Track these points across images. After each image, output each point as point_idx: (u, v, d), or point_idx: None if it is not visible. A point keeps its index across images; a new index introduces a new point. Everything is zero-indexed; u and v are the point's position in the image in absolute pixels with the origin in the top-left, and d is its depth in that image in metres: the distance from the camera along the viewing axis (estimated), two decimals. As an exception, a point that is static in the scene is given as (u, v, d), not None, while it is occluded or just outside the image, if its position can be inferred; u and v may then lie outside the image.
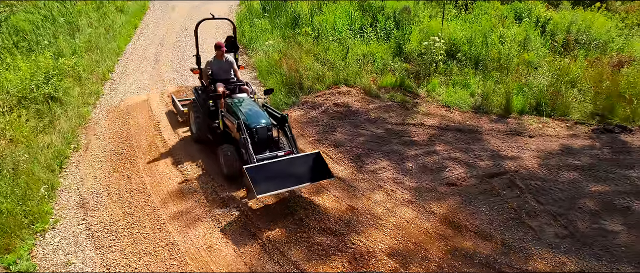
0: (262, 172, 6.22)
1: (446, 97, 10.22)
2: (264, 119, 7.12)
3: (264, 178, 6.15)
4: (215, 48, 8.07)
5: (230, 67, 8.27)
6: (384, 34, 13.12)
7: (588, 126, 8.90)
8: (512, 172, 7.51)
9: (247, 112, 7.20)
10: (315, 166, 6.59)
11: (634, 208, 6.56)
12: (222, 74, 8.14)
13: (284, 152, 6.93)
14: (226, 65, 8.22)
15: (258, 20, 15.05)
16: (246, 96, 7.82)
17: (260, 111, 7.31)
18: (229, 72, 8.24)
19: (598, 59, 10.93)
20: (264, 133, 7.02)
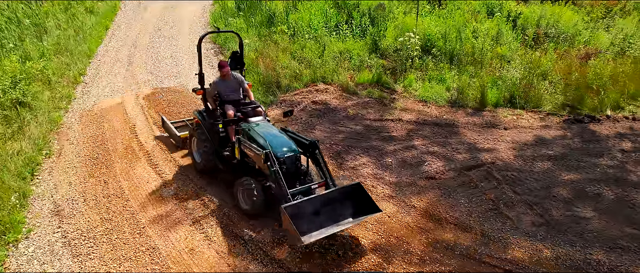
0: (301, 210, 5.43)
1: (423, 92, 10.36)
2: (291, 146, 6.18)
3: (304, 218, 5.38)
4: (219, 68, 7.16)
5: (239, 87, 7.30)
6: (360, 30, 13.19)
7: (559, 117, 9.16)
8: (489, 163, 7.68)
9: (270, 138, 6.20)
10: (356, 199, 5.78)
11: (604, 195, 6.80)
12: (231, 95, 7.18)
13: (318, 183, 6.06)
14: (234, 85, 7.24)
15: (233, 20, 14.91)
16: (262, 119, 6.88)
17: (284, 137, 6.36)
18: (238, 92, 7.27)
19: (567, 52, 11.26)
20: (293, 163, 6.10)
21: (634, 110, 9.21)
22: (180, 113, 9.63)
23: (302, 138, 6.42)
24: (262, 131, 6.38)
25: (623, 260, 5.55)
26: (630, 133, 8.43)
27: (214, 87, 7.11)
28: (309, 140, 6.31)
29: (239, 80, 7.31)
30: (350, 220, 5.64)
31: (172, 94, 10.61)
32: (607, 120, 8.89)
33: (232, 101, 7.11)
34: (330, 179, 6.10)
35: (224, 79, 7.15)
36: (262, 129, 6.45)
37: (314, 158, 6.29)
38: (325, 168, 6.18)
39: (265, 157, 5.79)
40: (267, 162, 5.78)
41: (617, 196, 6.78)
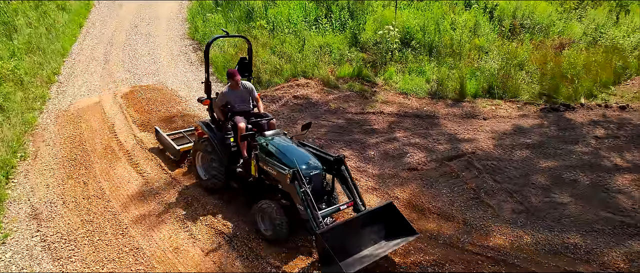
0: (337, 235, 5.02)
1: (403, 84, 10.44)
2: (316, 163, 5.65)
3: (340, 245, 4.97)
4: (229, 77, 6.48)
5: (249, 97, 6.69)
6: (339, 24, 13.19)
7: (536, 106, 9.36)
8: (469, 153, 7.80)
9: (292, 154, 5.63)
10: (389, 220, 5.43)
11: (579, 181, 7.00)
12: (240, 105, 6.59)
13: (346, 204, 5.58)
14: (245, 95, 6.62)
15: (211, 15, 14.73)
16: (279, 133, 6.29)
17: (306, 153, 5.82)
18: (248, 103, 6.67)
19: (542, 42, 11.49)
20: (319, 182, 5.58)
21: (606, 98, 9.47)
22: (159, 111, 9.49)
23: (325, 153, 5.92)
24: (281, 146, 5.82)
25: (598, 242, 5.74)
26: (603, 120, 8.67)
27: (223, 97, 6.49)
28: (333, 156, 5.80)
29: (249, 90, 6.68)
30: (388, 245, 5.21)
31: (152, 92, 10.44)
32: (582, 108, 9.13)
33: (242, 112, 6.54)
34: (359, 199, 5.61)
35: (233, 88, 6.51)
36: (281, 144, 5.89)
37: (340, 175, 5.76)
38: (354, 187, 5.67)
39: (293, 177, 5.23)
40: (294, 181, 5.23)
41: (591, 181, 6.98)
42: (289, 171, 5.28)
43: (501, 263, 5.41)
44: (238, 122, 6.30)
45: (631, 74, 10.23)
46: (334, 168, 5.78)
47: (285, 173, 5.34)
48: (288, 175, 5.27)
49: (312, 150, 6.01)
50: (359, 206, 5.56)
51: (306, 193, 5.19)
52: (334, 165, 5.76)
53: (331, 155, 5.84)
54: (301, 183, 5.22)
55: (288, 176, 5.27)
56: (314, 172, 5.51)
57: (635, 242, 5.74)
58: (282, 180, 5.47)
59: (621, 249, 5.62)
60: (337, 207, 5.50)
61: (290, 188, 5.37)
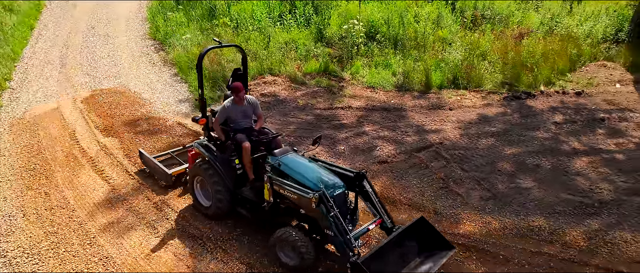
0: (377, 262, 4.64)
1: (370, 78, 10.53)
2: (337, 182, 5.15)
3: (381, 272, 4.65)
4: (233, 92, 5.78)
5: (252, 112, 6.06)
6: (304, 20, 13.15)
7: (499, 95, 9.64)
8: (437, 144, 7.97)
9: (309, 174, 5.15)
10: (421, 235, 5.07)
11: (542, 165, 7.28)
12: (243, 122, 5.96)
13: (374, 222, 5.19)
14: (248, 110, 5.97)
15: (172, 14, 14.39)
16: (289, 150, 5.65)
17: (324, 171, 5.30)
18: (250, 119, 6.03)
19: (502, 32, 11.83)
20: (342, 201, 5.11)
21: (564, 85, 9.87)
22: (123, 115, 9.20)
23: (343, 169, 5.49)
24: (296, 166, 5.30)
25: (560, 223, 6.01)
26: (561, 106, 9.03)
27: (224, 114, 5.83)
28: (353, 171, 5.38)
29: (254, 105, 6.04)
30: (428, 264, 4.85)
31: (114, 95, 10.11)
32: (541, 96, 9.47)
33: (243, 130, 5.91)
34: (387, 215, 5.24)
35: (237, 103, 5.84)
36: (295, 163, 5.36)
37: (363, 192, 5.33)
38: (379, 203, 5.28)
39: (319, 201, 4.76)
40: (320, 205, 4.77)
41: (553, 165, 7.27)
42: (314, 195, 4.77)
43: (472, 249, 5.57)
44: (241, 141, 5.65)
45: (585, 61, 10.69)
46: (355, 185, 5.34)
47: (309, 197, 4.80)
48: (313, 199, 4.76)
49: (329, 167, 5.54)
50: (387, 223, 5.17)
51: (336, 217, 4.74)
52: (355, 181, 5.33)
53: (351, 170, 5.41)
54: (329, 207, 4.75)
55: (313, 200, 4.76)
56: (337, 192, 5.02)
57: (593, 220, 6.05)
58: (305, 205, 4.95)
59: (581, 228, 5.90)
60: (366, 227, 5.09)
61: (316, 213, 4.86)
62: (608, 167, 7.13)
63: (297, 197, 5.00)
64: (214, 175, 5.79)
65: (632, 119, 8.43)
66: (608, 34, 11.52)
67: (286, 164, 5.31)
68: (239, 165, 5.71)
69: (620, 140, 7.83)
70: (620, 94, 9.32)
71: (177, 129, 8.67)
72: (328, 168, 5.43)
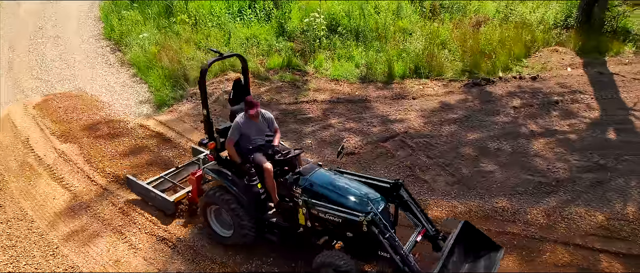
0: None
1: (333, 71, 10.56)
2: (377, 196, 4.83)
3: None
4: (248, 106, 5.20)
5: (266, 128, 5.50)
6: (264, 14, 13.02)
7: (460, 82, 9.90)
8: (402, 133, 8.11)
9: (350, 193, 4.79)
10: (469, 239, 4.85)
11: (503, 149, 7.55)
12: (257, 139, 5.39)
13: (419, 232, 4.90)
14: (263, 127, 5.45)
15: (127, 12, 13.90)
16: (315, 167, 5.19)
17: (361, 186, 4.98)
18: (263, 136, 5.42)
19: (460, 21, 12.12)
20: (387, 216, 4.84)
21: (520, 70, 10.24)
22: (80, 120, 8.84)
23: (377, 180, 5.19)
24: (329, 184, 4.91)
25: (522, 203, 6.29)
26: (518, 91, 9.38)
27: (237, 131, 5.25)
28: (389, 181, 5.08)
29: (269, 121, 5.53)
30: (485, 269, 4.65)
31: (69, 100, 9.69)
32: (500, 81, 9.79)
33: (258, 147, 5.39)
34: (430, 223, 5.00)
35: (252, 120, 5.31)
36: (327, 181, 4.96)
37: (402, 202, 5.05)
38: (421, 211, 5.04)
39: (371, 223, 4.38)
40: (371, 226, 4.38)
41: (513, 148, 7.56)
42: (365, 217, 4.39)
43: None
44: (262, 162, 5.16)
45: (539, 47, 11.11)
46: (392, 195, 5.05)
47: (359, 220, 4.43)
48: (364, 222, 4.39)
49: (362, 179, 5.21)
50: (431, 231, 4.93)
51: (392, 238, 4.44)
52: (391, 191, 5.05)
53: (387, 180, 5.12)
54: (384, 228, 4.43)
55: (364, 223, 4.39)
56: (381, 207, 4.72)
57: (551, 198, 6.37)
58: (354, 228, 4.56)
59: (541, 206, 6.20)
60: (414, 240, 4.81)
61: (367, 236, 4.47)
62: (563, 147, 7.49)
63: (343, 220, 4.61)
64: (234, 204, 5.20)
65: (582, 101, 8.86)
66: (558, 20, 12.01)
67: (319, 184, 4.89)
68: (261, 190, 5.20)
69: (573, 121, 8.23)
70: (571, 77, 9.77)
71: (139, 131, 8.43)
72: (362, 182, 5.10)
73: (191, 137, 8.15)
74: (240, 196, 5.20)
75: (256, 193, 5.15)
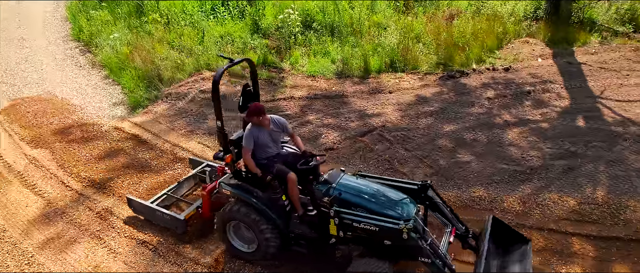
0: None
1: (310, 67, 10.56)
2: (408, 200, 4.73)
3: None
4: (254, 114, 4.94)
5: (281, 135, 5.27)
6: (238, 12, 12.90)
7: (435, 75, 10.04)
8: (380, 127, 8.19)
9: (381, 199, 4.69)
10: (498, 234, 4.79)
11: (479, 139, 7.71)
12: (271, 149, 5.15)
13: (450, 231, 4.87)
14: (277, 134, 5.18)
15: (95, 12, 13.55)
16: (339, 173, 5.02)
17: (388, 189, 4.86)
18: (279, 143, 5.28)
19: (434, 14, 12.27)
20: (422, 221, 4.74)
21: (493, 62, 10.45)
22: (51, 124, 8.58)
23: (404, 182, 5.11)
24: (358, 191, 4.77)
25: (498, 191, 6.45)
26: (492, 82, 9.58)
27: (251, 141, 4.94)
28: (416, 183, 4.97)
29: (283, 126, 5.22)
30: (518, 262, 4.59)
31: (39, 104, 9.39)
32: (474, 73, 9.98)
33: (275, 156, 5.14)
34: (460, 223, 4.96)
35: (263, 127, 5.02)
36: (355, 188, 4.81)
37: (432, 203, 4.94)
38: (451, 211, 4.98)
39: (412, 231, 4.27)
40: (412, 234, 4.27)
41: (488, 138, 7.72)
42: (406, 225, 4.27)
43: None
44: (285, 172, 4.89)
45: (510, 38, 11.36)
46: (420, 197, 4.93)
47: (399, 228, 4.28)
48: (404, 230, 4.26)
49: (389, 182, 5.09)
50: (461, 230, 4.93)
51: (433, 244, 4.37)
52: (419, 192, 4.94)
53: (414, 182, 5.03)
54: (424, 236, 4.36)
55: (405, 230, 4.26)
56: (413, 211, 4.62)
57: (526, 185, 6.55)
58: (393, 236, 4.41)
59: (516, 194, 6.37)
60: (448, 241, 4.74)
61: (407, 243, 4.35)
62: (535, 136, 7.70)
63: (380, 228, 4.44)
64: (259, 219, 4.93)
65: (553, 90, 9.12)
66: (528, 12, 12.30)
67: (348, 191, 4.73)
68: (286, 201, 4.99)
69: (545, 110, 8.46)
70: (542, 68, 10.04)
71: (114, 134, 8.25)
72: (389, 185, 4.98)
73: (168, 138, 8.04)
74: (264, 210, 4.93)
75: (281, 206, 4.95)
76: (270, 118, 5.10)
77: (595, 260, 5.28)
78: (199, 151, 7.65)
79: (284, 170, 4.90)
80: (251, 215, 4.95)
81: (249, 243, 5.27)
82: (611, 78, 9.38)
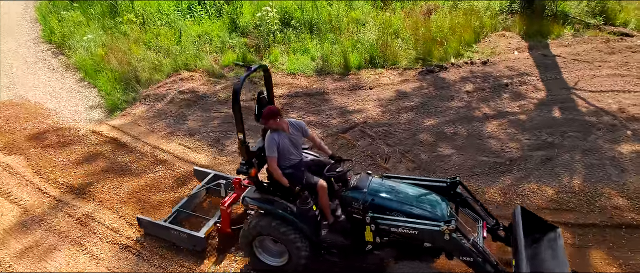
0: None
1: (289, 65, 10.53)
2: (439, 199, 4.75)
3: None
4: (270, 117, 4.77)
5: (301, 139, 5.08)
6: (215, 10, 12.75)
7: (414, 70, 10.12)
8: (361, 123, 8.23)
9: (416, 201, 4.67)
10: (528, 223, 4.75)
11: (459, 133, 7.82)
12: (294, 155, 4.94)
13: (483, 225, 4.86)
14: (298, 139, 4.99)
15: (67, 13, 13.20)
16: (367, 177, 4.95)
17: (418, 190, 4.85)
18: (299, 148, 5.07)
19: (412, 10, 12.36)
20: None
21: (471, 56, 10.60)
22: (25, 130, 8.34)
23: (432, 180, 5.12)
24: (390, 195, 4.73)
25: (479, 183, 6.56)
26: (471, 76, 9.71)
27: (275, 149, 4.72)
28: (445, 180, 4.98)
29: (302, 129, 5.05)
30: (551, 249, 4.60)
31: (11, 109, 9.12)
32: (452, 67, 10.10)
33: (299, 164, 4.97)
34: (490, 216, 4.98)
35: (283, 131, 4.81)
36: (387, 192, 4.77)
37: (462, 199, 4.95)
38: (480, 204, 5.00)
39: (454, 230, 4.25)
40: (453, 234, 4.25)
41: (468, 132, 7.84)
42: (448, 225, 4.24)
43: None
44: (315, 181, 4.75)
45: (487, 32, 11.53)
46: (449, 194, 4.93)
47: (440, 229, 4.26)
48: (447, 230, 4.23)
49: (415, 182, 5.07)
50: (491, 222, 4.94)
51: (475, 243, 4.37)
52: (449, 189, 4.94)
53: (442, 180, 5.04)
54: (465, 235, 4.35)
55: (447, 231, 4.23)
56: (447, 209, 4.64)
57: (506, 177, 6.68)
58: (433, 237, 4.40)
59: (497, 185, 6.49)
60: (482, 236, 4.72)
61: (450, 244, 4.34)
62: (514, 128, 7.85)
63: (419, 231, 4.41)
64: (290, 230, 4.75)
65: (529, 82, 9.30)
66: (503, 5, 12.50)
67: (380, 196, 4.68)
68: (316, 211, 4.82)
69: (522, 102, 8.63)
70: (518, 60, 10.22)
71: (91, 138, 8.07)
72: (417, 184, 4.97)
73: (147, 140, 7.91)
74: (294, 221, 4.75)
75: (313, 217, 4.77)
76: (288, 121, 4.93)
77: (573, 247, 5.43)
78: (181, 153, 7.56)
79: (314, 179, 4.78)
80: (281, 228, 4.75)
81: (278, 256, 5.11)
82: (584, 69, 9.63)
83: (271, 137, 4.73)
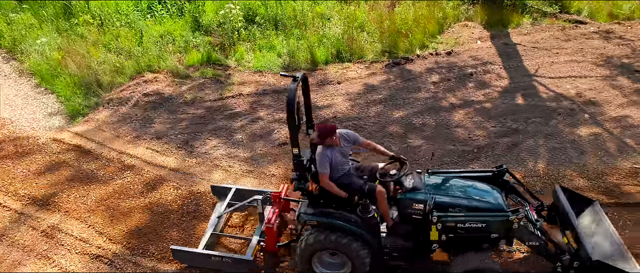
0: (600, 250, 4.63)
1: (256, 62, 10.41)
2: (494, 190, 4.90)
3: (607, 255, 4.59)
4: (329, 135, 4.65)
5: (349, 149, 5.04)
6: (176, 9, 12.44)
7: (381, 63, 10.21)
8: (331, 118, 8.25)
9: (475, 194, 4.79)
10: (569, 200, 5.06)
11: (427, 123, 7.97)
12: (343, 165, 4.89)
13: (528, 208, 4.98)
14: (347, 150, 4.98)
15: (16, 15, 12.53)
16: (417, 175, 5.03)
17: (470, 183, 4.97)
18: (347, 156, 5.04)
19: (376, 3, 12.45)
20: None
21: (436, 47, 10.79)
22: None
23: (479, 171, 5.36)
24: (448, 191, 4.81)
25: (450, 173, 6.69)
26: (436, 67, 9.88)
27: (327, 164, 4.65)
28: (491, 170, 5.16)
29: (352, 139, 5.01)
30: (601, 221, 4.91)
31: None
32: (418, 59, 10.24)
33: (349, 172, 4.95)
34: (536, 199, 5.26)
35: (335, 146, 4.74)
36: (444, 189, 4.85)
37: (509, 186, 5.12)
38: (525, 189, 5.24)
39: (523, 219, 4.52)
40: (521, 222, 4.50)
41: (436, 122, 7.99)
42: (515, 215, 4.47)
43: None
44: (373, 188, 4.74)
45: (450, 23, 11.76)
46: (497, 182, 5.09)
47: (511, 219, 4.46)
48: (516, 220, 4.45)
49: (464, 174, 5.20)
50: (535, 204, 5.20)
51: (542, 230, 4.67)
52: (496, 178, 5.12)
53: (490, 169, 5.24)
54: (531, 222, 4.61)
55: (516, 220, 4.46)
56: (501, 198, 4.80)
57: (474, 164, 6.87)
58: (502, 228, 4.56)
59: (467, 173, 6.64)
60: (536, 221, 4.85)
61: (518, 232, 4.56)
62: (480, 116, 8.06)
63: (487, 223, 4.54)
64: (353, 241, 4.68)
65: (493, 71, 9.56)
66: (464, -4, 12.80)
67: (439, 193, 4.75)
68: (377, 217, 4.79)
69: (487, 91, 8.86)
70: (481, 50, 10.48)
71: (53, 146, 7.73)
72: (465, 176, 5.12)
73: (113, 146, 7.66)
74: (357, 232, 4.70)
75: (376, 224, 4.75)
76: (339, 133, 4.85)
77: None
78: (149, 157, 7.37)
79: (373, 186, 4.76)
80: (342, 240, 4.67)
81: (337, 268, 5.03)
82: (543, 57, 9.98)
83: (324, 154, 4.65)
